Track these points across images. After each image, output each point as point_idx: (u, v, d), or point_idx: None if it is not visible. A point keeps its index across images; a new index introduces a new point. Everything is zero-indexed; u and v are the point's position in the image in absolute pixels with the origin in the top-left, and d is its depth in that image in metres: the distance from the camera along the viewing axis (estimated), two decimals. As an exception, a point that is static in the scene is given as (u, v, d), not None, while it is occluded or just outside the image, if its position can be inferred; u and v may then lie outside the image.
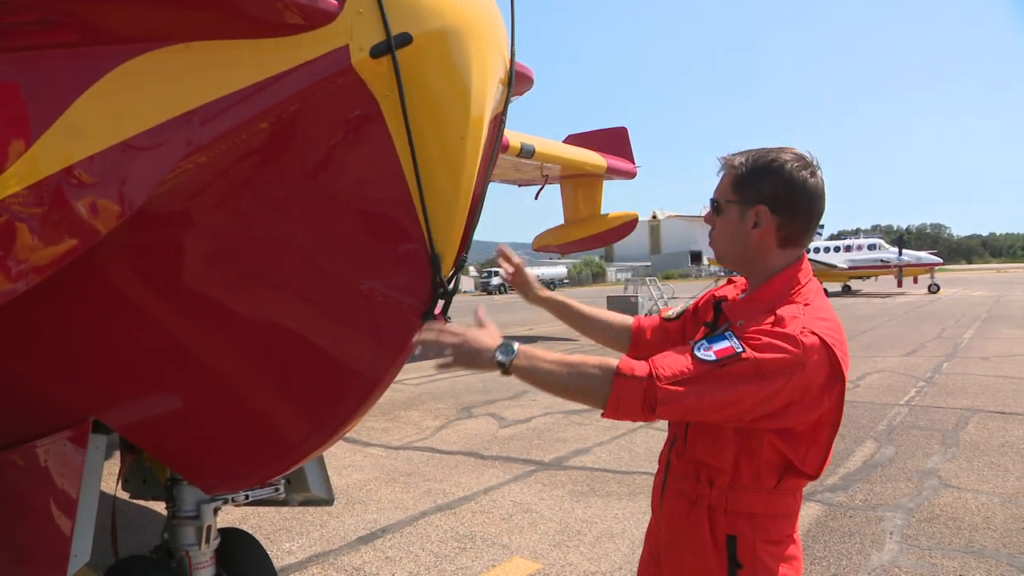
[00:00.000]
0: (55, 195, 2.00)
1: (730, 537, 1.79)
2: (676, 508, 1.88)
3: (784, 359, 1.61)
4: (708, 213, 1.91)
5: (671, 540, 1.90)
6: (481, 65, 1.91)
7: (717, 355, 1.63)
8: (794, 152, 1.81)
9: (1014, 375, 10.54)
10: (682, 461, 1.88)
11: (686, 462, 1.87)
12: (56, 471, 2.84)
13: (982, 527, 4.74)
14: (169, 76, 1.93)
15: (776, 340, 1.64)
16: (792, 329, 1.65)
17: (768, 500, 1.80)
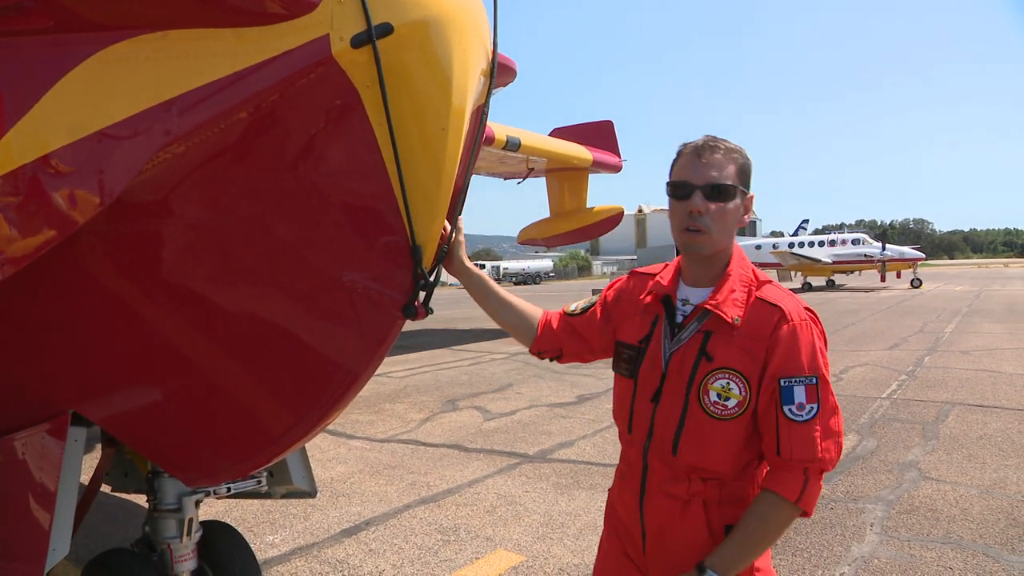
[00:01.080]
0: (30, 184, 1.97)
1: (728, 526, 1.79)
2: (664, 509, 1.83)
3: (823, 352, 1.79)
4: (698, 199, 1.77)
5: (660, 541, 1.85)
6: (463, 56, 1.90)
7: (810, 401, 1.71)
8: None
9: (993, 369, 10.68)
10: (668, 466, 1.82)
11: (675, 467, 1.81)
12: (34, 464, 2.81)
13: (960, 519, 4.80)
14: (147, 64, 1.90)
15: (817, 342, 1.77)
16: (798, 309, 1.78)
17: (754, 484, 1.84)
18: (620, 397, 1.97)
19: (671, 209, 1.85)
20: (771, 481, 1.74)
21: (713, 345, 1.78)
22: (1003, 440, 6.70)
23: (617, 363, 1.98)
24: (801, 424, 1.69)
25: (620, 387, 1.97)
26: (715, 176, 1.76)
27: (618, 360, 1.97)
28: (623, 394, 1.94)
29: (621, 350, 1.97)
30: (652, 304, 1.92)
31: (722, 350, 1.77)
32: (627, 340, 1.95)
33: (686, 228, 1.80)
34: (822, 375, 1.73)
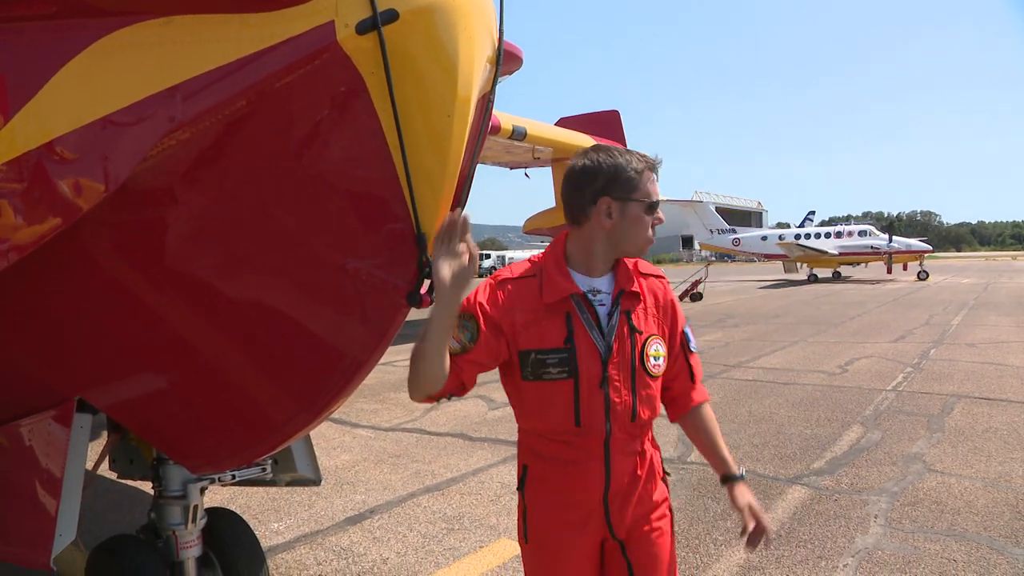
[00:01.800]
0: (35, 171, 1.97)
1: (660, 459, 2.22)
2: (628, 467, 2.07)
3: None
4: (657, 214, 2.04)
5: (626, 496, 2.07)
6: (468, 43, 1.88)
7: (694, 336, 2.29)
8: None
9: (1000, 362, 10.63)
10: (627, 432, 2.04)
11: (632, 430, 2.05)
12: (41, 451, 2.82)
13: (964, 511, 4.79)
14: (151, 50, 1.89)
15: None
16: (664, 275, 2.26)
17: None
18: (553, 399, 1.99)
19: (642, 222, 2.00)
20: (696, 397, 2.25)
21: (635, 320, 2.04)
22: (1009, 433, 6.68)
23: (538, 370, 1.97)
24: (695, 353, 2.25)
25: (549, 391, 1.98)
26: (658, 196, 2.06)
27: (540, 367, 1.97)
28: (558, 395, 1.98)
29: (543, 357, 1.96)
30: (559, 304, 1.98)
31: (642, 321, 2.06)
32: (546, 345, 1.96)
33: (649, 237, 2.05)
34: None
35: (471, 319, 1.97)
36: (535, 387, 2.00)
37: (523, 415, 2.11)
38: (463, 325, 1.97)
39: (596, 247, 2.03)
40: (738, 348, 12.95)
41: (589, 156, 2.01)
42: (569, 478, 2.04)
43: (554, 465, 2.06)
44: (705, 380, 2.37)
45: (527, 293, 2.00)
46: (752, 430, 7.08)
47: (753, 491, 2.18)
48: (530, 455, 2.13)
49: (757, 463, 5.99)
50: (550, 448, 2.06)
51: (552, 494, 2.08)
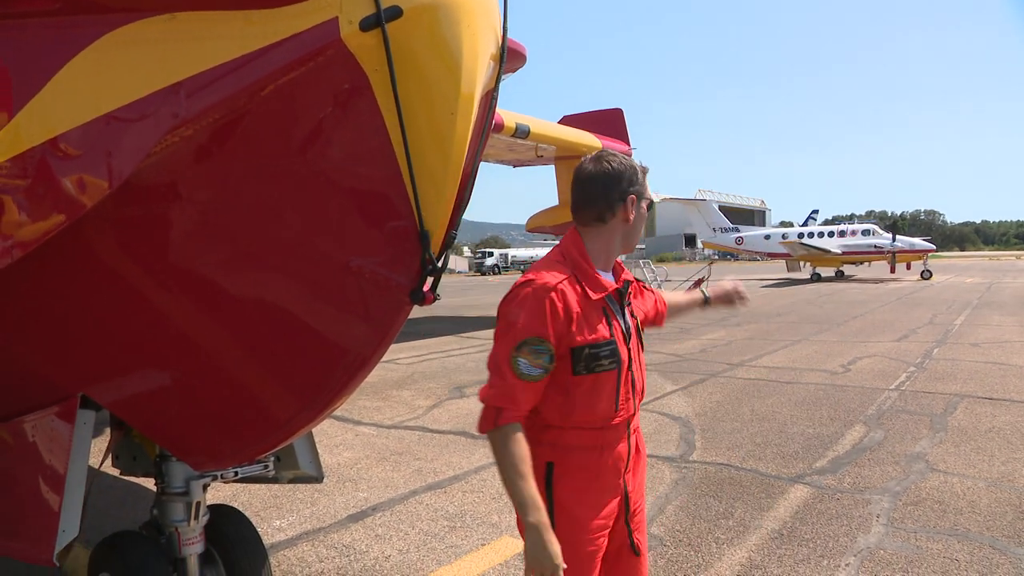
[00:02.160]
0: (38, 168, 1.97)
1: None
2: (635, 439, 2.30)
3: None
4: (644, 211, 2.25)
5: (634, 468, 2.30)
6: (472, 40, 1.88)
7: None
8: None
9: (1003, 361, 10.61)
10: (639, 406, 2.29)
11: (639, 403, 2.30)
12: (44, 447, 2.83)
13: (967, 511, 4.78)
14: (154, 47, 1.90)
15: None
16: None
17: None
18: (603, 389, 2.11)
19: (640, 219, 2.24)
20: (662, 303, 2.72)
21: (633, 308, 2.31)
22: (1012, 433, 6.67)
23: (592, 363, 2.07)
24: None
25: (600, 382, 2.10)
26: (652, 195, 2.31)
27: (594, 360, 2.07)
28: (606, 384, 2.11)
29: (596, 350, 2.07)
30: (599, 301, 2.14)
31: (636, 306, 2.35)
32: (598, 339, 2.08)
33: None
34: None
35: (543, 342, 2.00)
36: (587, 380, 2.08)
37: (567, 411, 2.10)
38: (537, 351, 2.00)
39: (615, 242, 2.22)
40: (741, 347, 12.94)
41: (609, 160, 2.17)
42: (605, 463, 2.17)
43: (588, 454, 2.14)
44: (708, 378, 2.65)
45: (571, 294, 2.07)
46: (754, 429, 7.07)
47: (755, 490, 2.19)
48: (557, 451, 2.12)
49: (759, 462, 5.98)
50: (584, 437, 2.13)
51: (588, 482, 2.15)
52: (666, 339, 13.91)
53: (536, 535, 1.91)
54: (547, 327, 2.00)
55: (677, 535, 4.49)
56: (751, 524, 4.64)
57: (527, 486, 1.94)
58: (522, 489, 1.94)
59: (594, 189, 2.17)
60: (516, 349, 1.98)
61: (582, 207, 2.20)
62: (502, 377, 2.00)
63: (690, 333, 15.04)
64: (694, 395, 8.70)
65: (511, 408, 1.99)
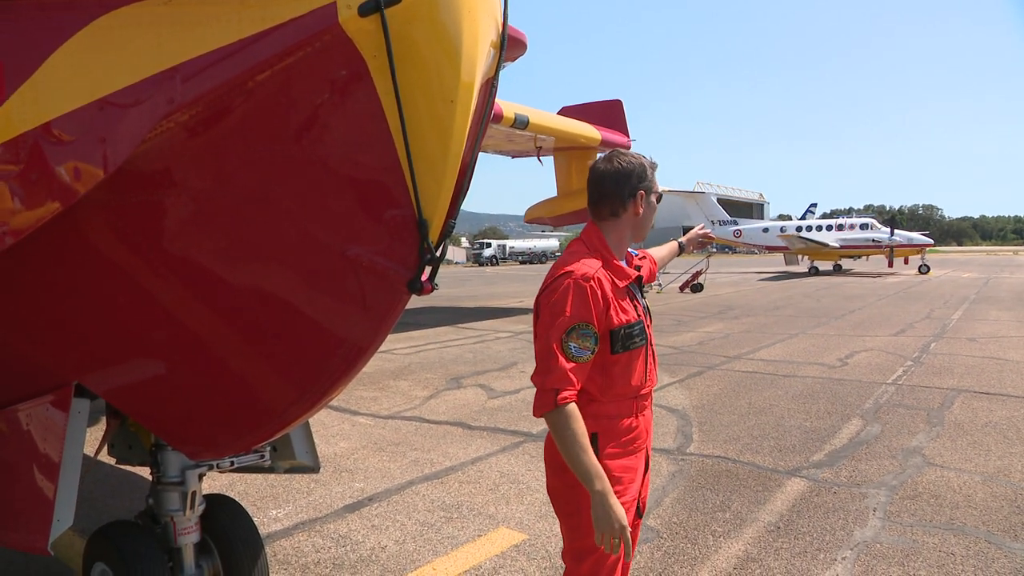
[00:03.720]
0: (31, 153, 1.94)
1: None
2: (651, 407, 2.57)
3: None
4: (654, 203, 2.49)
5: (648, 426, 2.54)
6: (472, 27, 1.85)
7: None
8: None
9: (1000, 356, 10.62)
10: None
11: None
12: (38, 435, 2.81)
13: (963, 505, 4.79)
14: (150, 31, 1.86)
15: None
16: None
17: None
18: (634, 364, 2.39)
19: (650, 211, 2.49)
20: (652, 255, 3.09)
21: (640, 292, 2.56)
22: (1008, 428, 6.67)
23: (627, 342, 2.33)
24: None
25: (631, 358, 2.37)
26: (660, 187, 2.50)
27: (628, 340, 2.33)
28: (638, 359, 2.40)
29: (630, 330, 2.34)
30: (626, 285, 2.41)
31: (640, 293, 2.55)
32: (630, 320, 2.36)
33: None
34: None
35: (588, 327, 2.22)
36: (623, 358, 2.34)
37: (606, 386, 2.34)
38: (585, 334, 2.21)
39: (628, 234, 2.46)
40: (738, 340, 12.94)
41: (620, 159, 2.42)
42: (640, 426, 2.45)
43: (627, 421, 2.41)
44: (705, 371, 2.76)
45: (605, 282, 2.31)
46: (752, 422, 7.07)
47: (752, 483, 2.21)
48: (601, 422, 2.34)
49: (756, 455, 5.98)
50: (627, 407, 2.40)
51: (626, 447, 2.40)
52: (664, 332, 13.92)
53: (602, 501, 2.10)
54: (591, 313, 2.23)
55: (674, 527, 4.49)
56: (748, 517, 4.64)
57: (589, 458, 2.14)
58: (585, 461, 2.13)
59: (607, 187, 2.40)
60: (566, 335, 2.19)
61: (598, 203, 2.43)
62: (556, 361, 2.18)
63: (688, 326, 15.05)
64: (691, 388, 8.70)
65: (567, 389, 2.17)
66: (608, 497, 2.10)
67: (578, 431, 2.14)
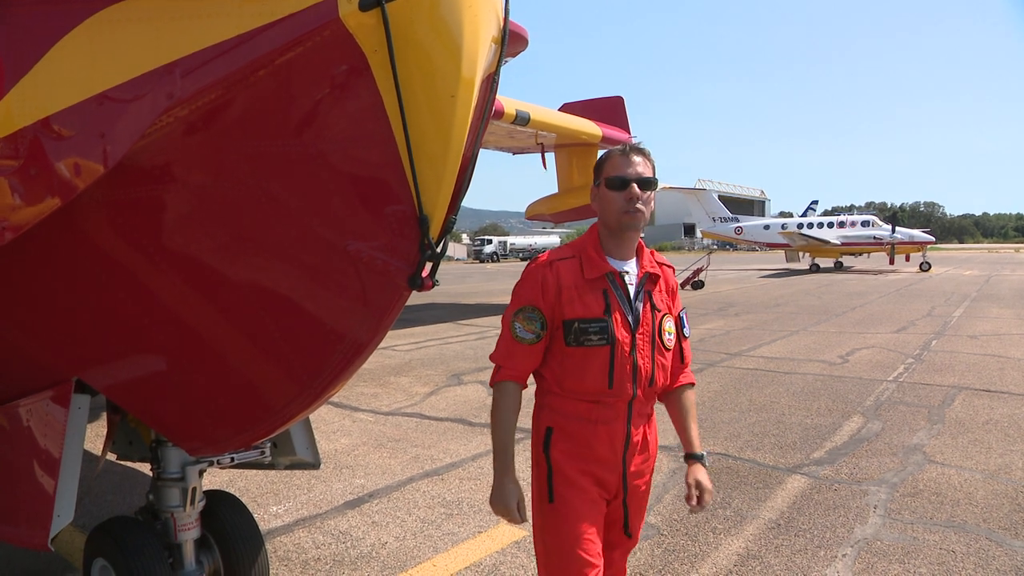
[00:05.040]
0: (30, 148, 1.94)
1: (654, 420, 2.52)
2: (640, 425, 2.40)
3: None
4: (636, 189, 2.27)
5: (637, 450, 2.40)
6: (473, 22, 1.84)
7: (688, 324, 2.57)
8: None
9: (1001, 354, 10.61)
10: (645, 395, 2.37)
11: (650, 394, 2.40)
12: (39, 431, 2.81)
13: (964, 502, 4.78)
14: (150, 25, 1.86)
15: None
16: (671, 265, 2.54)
17: None
18: (590, 363, 2.29)
19: (609, 199, 2.30)
20: (682, 379, 2.54)
21: (655, 299, 2.39)
22: (1009, 425, 6.67)
23: (581, 337, 2.27)
24: (688, 339, 2.56)
25: (587, 355, 2.29)
26: (643, 172, 2.31)
27: (582, 335, 2.27)
28: (596, 359, 2.28)
29: (585, 325, 2.28)
30: (597, 281, 2.31)
31: (659, 301, 2.40)
32: (588, 315, 2.28)
33: (627, 211, 2.28)
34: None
35: (535, 310, 2.29)
36: (577, 352, 2.28)
37: (560, 378, 2.33)
38: (531, 317, 2.30)
39: (603, 229, 2.39)
40: (739, 336, 12.94)
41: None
42: (598, 436, 2.32)
43: (583, 425, 2.33)
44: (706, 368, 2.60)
45: (570, 271, 2.32)
46: (752, 419, 7.07)
47: (753, 480, 2.20)
48: (556, 416, 2.36)
49: (757, 452, 5.98)
50: (579, 408, 2.33)
51: (581, 450, 2.33)
52: (664, 328, 13.89)
53: (496, 480, 2.28)
54: (540, 297, 2.29)
55: (674, 524, 4.49)
56: (748, 514, 4.64)
57: (499, 436, 2.30)
58: (495, 437, 2.31)
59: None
60: (514, 315, 2.31)
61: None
62: (503, 339, 2.34)
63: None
64: (692, 385, 8.69)
65: (508, 367, 2.31)
66: (499, 477, 2.27)
67: (502, 407, 2.29)
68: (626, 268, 2.36)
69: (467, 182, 2.06)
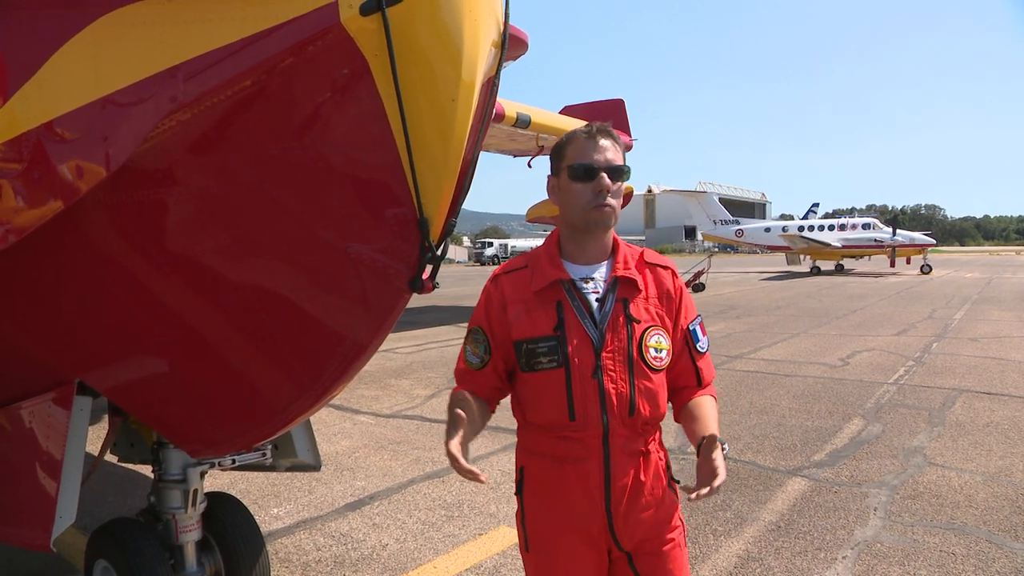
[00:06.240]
0: (34, 151, 1.95)
1: (666, 462, 2.07)
2: (630, 467, 1.95)
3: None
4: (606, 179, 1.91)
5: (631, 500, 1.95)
6: (473, 26, 1.85)
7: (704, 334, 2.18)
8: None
9: (1002, 356, 10.61)
10: (627, 427, 1.94)
11: (633, 426, 1.95)
12: (41, 433, 2.83)
13: (964, 505, 4.79)
14: (153, 30, 1.87)
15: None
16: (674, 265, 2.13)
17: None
18: (545, 390, 1.94)
19: (572, 190, 1.94)
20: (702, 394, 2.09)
21: (634, 309, 1.97)
22: (1010, 428, 6.67)
23: (531, 361, 1.94)
24: (704, 354, 2.13)
25: (541, 381, 1.94)
26: (613, 159, 1.94)
27: (532, 357, 1.94)
28: (549, 385, 1.93)
29: (533, 346, 1.93)
30: (548, 292, 1.96)
31: (643, 311, 1.99)
32: (536, 334, 1.93)
33: (596, 205, 1.92)
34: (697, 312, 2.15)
35: (480, 331, 2.04)
36: (531, 378, 1.96)
37: (524, 408, 2.04)
38: (475, 339, 2.05)
39: (564, 229, 2.04)
40: (740, 339, 12.94)
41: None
42: (568, 477, 1.95)
43: (552, 464, 1.97)
44: None
45: (520, 284, 2.01)
46: (753, 421, 7.07)
47: (753, 482, 2.16)
48: (527, 455, 2.07)
49: (758, 454, 5.98)
50: (546, 445, 1.98)
51: (551, 496, 1.98)
52: (665, 331, 13.89)
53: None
54: (485, 317, 2.04)
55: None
56: (748, 516, 4.64)
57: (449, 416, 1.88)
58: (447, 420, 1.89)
59: None
60: (466, 337, 2.10)
61: None
62: (458, 359, 2.13)
63: (689, 325, 15.02)
64: (693, 387, 8.69)
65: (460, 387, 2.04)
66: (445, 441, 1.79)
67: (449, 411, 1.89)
68: (590, 274, 1.99)
69: (467, 185, 2.07)
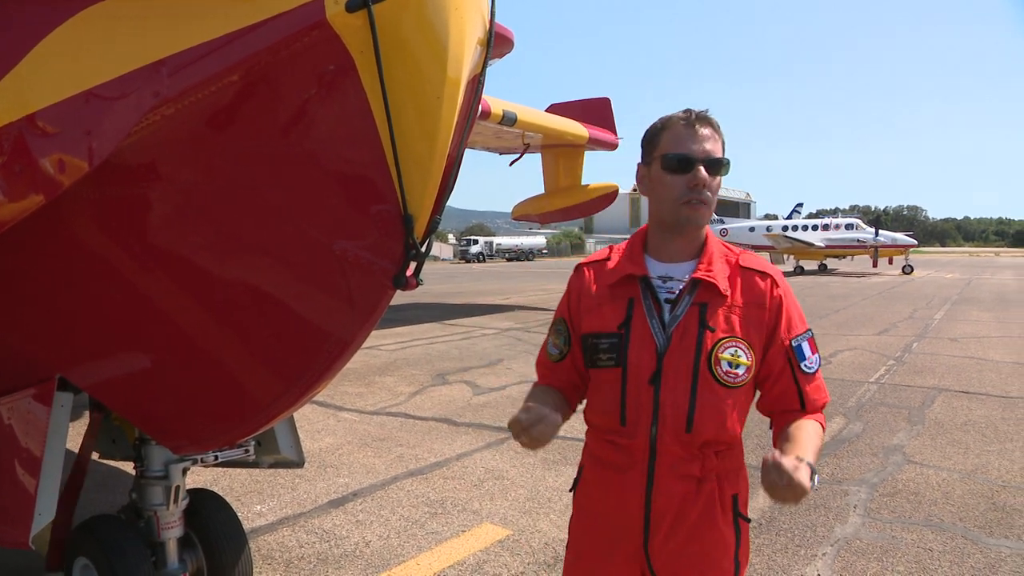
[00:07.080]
0: (14, 145, 1.94)
1: (734, 496, 1.83)
2: (679, 492, 1.77)
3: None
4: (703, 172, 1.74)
5: (674, 527, 1.78)
6: (459, 24, 1.85)
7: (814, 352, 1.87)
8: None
9: (980, 356, 10.75)
10: (682, 446, 1.76)
11: (689, 446, 1.76)
12: (20, 429, 2.80)
13: (941, 502, 4.86)
14: (137, 23, 1.86)
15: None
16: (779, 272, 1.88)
17: (741, 448, 1.90)
18: (601, 389, 1.85)
19: (663, 182, 1.78)
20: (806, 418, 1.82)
21: (711, 316, 1.77)
22: (987, 426, 6.77)
23: (592, 357, 1.84)
24: (813, 375, 1.84)
25: (600, 378, 1.85)
26: (712, 150, 1.77)
27: (594, 353, 1.83)
28: (606, 385, 1.82)
29: (596, 341, 1.83)
30: (621, 287, 1.84)
31: (722, 319, 1.77)
32: (601, 329, 1.82)
33: (688, 201, 1.75)
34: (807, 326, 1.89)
35: (563, 322, 1.98)
36: (593, 375, 1.87)
37: (588, 406, 1.95)
38: (557, 330, 1.99)
39: (651, 223, 1.90)
40: (723, 338, 13.00)
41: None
42: (611, 486, 1.84)
43: (601, 469, 1.88)
44: None
45: (598, 276, 1.91)
46: (735, 419, 7.12)
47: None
48: (586, 454, 1.98)
49: (739, 452, 6.03)
50: (598, 447, 1.90)
51: (595, 502, 1.89)
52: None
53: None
54: (566, 308, 1.98)
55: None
56: (730, 513, 4.67)
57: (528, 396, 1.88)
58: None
59: None
60: (550, 327, 2.03)
61: None
62: (540, 351, 2.07)
63: (673, 324, 15.08)
64: (676, 385, 8.73)
65: (540, 378, 2.06)
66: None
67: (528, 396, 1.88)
68: (670, 273, 1.83)
69: (452, 182, 2.07)
